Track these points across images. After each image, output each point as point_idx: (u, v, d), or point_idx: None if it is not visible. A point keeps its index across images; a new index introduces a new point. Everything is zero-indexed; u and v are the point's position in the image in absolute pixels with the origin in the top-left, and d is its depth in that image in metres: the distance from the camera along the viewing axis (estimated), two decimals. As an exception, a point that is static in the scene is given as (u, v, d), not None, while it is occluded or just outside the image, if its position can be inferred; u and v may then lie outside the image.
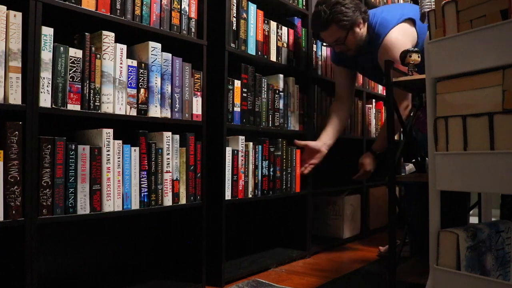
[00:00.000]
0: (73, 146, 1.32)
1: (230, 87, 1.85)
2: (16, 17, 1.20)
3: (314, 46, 2.40)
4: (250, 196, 1.93)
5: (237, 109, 1.88)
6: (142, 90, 1.52)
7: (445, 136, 1.12)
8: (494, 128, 1.02)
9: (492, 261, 1.19)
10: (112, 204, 1.41)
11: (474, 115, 1.05)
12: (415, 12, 2.11)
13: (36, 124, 1.22)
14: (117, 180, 1.43)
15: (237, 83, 1.88)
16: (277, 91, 2.11)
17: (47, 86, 1.27)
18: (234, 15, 1.88)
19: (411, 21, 2.08)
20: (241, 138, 1.89)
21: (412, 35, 2.04)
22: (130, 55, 1.54)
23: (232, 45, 1.86)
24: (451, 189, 1.13)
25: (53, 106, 1.28)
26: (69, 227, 1.62)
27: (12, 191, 1.18)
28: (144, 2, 1.54)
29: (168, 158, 1.60)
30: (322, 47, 2.46)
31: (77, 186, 1.33)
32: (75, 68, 1.34)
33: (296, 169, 2.21)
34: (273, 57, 2.10)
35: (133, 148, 1.48)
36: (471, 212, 1.93)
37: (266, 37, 2.06)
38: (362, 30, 2.10)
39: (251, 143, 1.94)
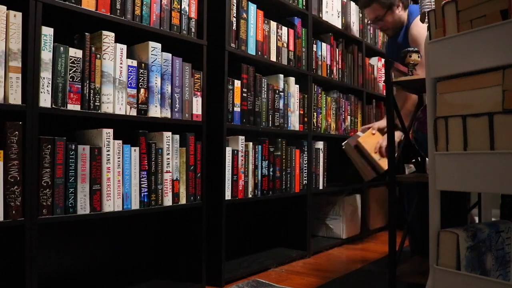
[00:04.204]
0: (73, 146, 1.32)
1: (230, 87, 1.85)
2: (16, 17, 1.20)
3: (314, 46, 2.40)
4: (250, 196, 1.93)
5: (237, 109, 1.88)
6: (142, 90, 1.52)
7: (445, 136, 1.12)
8: (494, 128, 1.01)
9: (492, 261, 1.19)
10: (112, 204, 1.41)
11: (474, 115, 1.05)
12: None
13: (36, 124, 1.22)
14: (117, 180, 1.43)
15: (237, 83, 1.88)
16: (277, 91, 2.11)
17: (47, 86, 1.27)
18: (234, 15, 1.88)
19: None
20: (241, 138, 1.89)
21: None
22: (130, 55, 1.54)
23: (232, 45, 1.86)
24: (451, 189, 1.13)
25: (53, 106, 1.28)
26: (69, 227, 1.62)
27: (12, 191, 1.18)
28: (144, 2, 1.54)
29: (168, 158, 1.60)
30: (322, 47, 2.47)
31: (77, 186, 1.33)
32: (75, 68, 1.34)
33: (296, 169, 2.21)
34: (273, 57, 2.10)
35: (133, 148, 1.48)
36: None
37: (266, 37, 2.06)
38: (400, 13, 2.42)
39: (251, 143, 1.94)
